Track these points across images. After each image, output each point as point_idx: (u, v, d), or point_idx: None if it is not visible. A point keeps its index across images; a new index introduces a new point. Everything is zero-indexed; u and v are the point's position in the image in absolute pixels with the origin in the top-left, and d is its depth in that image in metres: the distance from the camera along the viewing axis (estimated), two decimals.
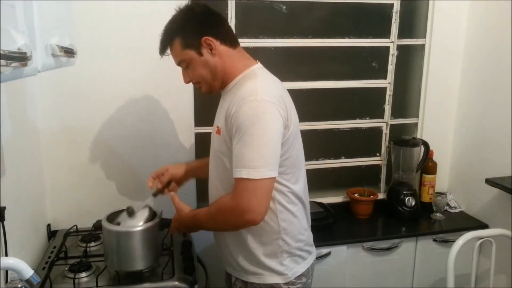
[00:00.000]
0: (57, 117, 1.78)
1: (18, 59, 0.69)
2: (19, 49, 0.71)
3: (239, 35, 1.57)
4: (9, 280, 1.09)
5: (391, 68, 2.22)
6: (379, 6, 2.13)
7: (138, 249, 1.36)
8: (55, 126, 1.79)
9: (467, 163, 2.23)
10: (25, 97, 1.61)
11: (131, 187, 1.92)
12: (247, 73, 1.28)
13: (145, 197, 1.88)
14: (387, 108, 2.27)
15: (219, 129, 1.27)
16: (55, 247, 1.64)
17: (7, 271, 1.23)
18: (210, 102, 1.57)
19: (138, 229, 1.36)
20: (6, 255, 1.25)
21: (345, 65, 2.19)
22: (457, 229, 2.05)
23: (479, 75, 2.13)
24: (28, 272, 0.99)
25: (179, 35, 1.26)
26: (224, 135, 1.24)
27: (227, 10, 1.94)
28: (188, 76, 1.33)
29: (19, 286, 1.02)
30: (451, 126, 2.30)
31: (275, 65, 1.50)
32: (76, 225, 1.77)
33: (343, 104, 2.23)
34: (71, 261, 1.51)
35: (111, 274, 1.43)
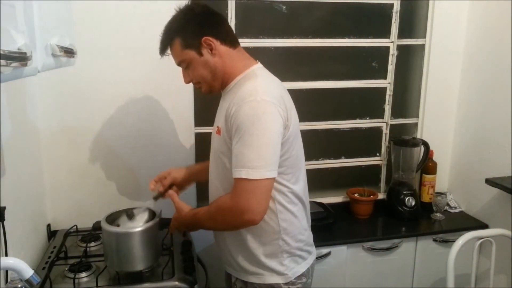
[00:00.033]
0: (57, 117, 1.78)
1: (18, 59, 0.69)
2: (19, 49, 0.71)
3: (239, 35, 1.57)
4: (9, 280, 1.09)
5: (391, 68, 2.22)
6: (379, 6, 2.13)
7: (138, 250, 1.36)
8: (55, 126, 1.79)
9: (467, 163, 2.23)
10: (25, 97, 1.61)
11: (131, 187, 1.92)
12: (247, 73, 1.28)
13: (144, 197, 1.89)
14: (387, 108, 2.27)
15: (219, 129, 1.27)
16: (55, 247, 1.64)
17: (7, 271, 1.23)
18: (210, 102, 1.57)
19: (138, 229, 1.36)
20: (6, 255, 1.25)
21: (345, 65, 2.19)
22: (457, 229, 2.05)
23: (479, 75, 2.13)
24: (28, 272, 0.99)
25: (179, 35, 1.26)
26: (224, 135, 1.24)
27: (227, 10, 1.94)
28: (188, 76, 1.33)
29: (19, 286, 1.02)
30: (451, 126, 2.30)
31: (275, 65, 1.50)
32: (76, 225, 1.77)
33: (343, 104, 2.23)
34: (71, 261, 1.51)
35: (111, 274, 1.43)
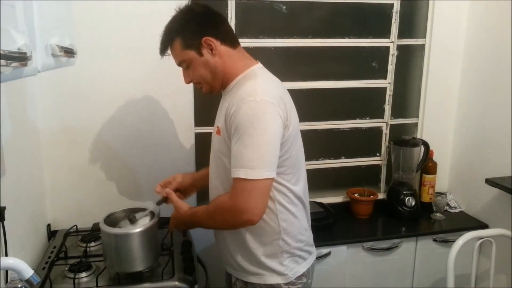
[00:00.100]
0: (57, 117, 1.78)
1: (18, 59, 0.69)
2: (19, 49, 0.71)
3: (239, 35, 1.56)
4: (9, 280, 1.09)
5: (391, 68, 2.22)
6: (379, 6, 2.13)
7: (138, 251, 1.36)
8: (55, 126, 1.79)
9: (467, 163, 2.23)
10: (25, 97, 1.61)
11: (131, 187, 1.92)
12: (247, 73, 1.27)
13: (145, 197, 1.89)
14: (387, 108, 2.27)
15: (219, 130, 1.27)
16: (55, 247, 1.64)
17: (7, 271, 1.23)
18: (210, 102, 1.57)
19: (137, 230, 1.36)
20: (6, 255, 1.25)
21: (345, 65, 2.19)
22: (457, 229, 2.05)
23: (479, 75, 2.13)
24: (28, 272, 0.99)
25: (179, 35, 1.26)
26: (224, 135, 1.24)
27: (227, 10, 1.94)
28: (188, 76, 1.33)
29: (19, 286, 1.01)
30: (451, 126, 2.30)
31: (275, 65, 1.50)
32: (76, 225, 1.77)
33: (343, 104, 2.23)
34: (71, 261, 1.51)
35: (111, 274, 1.43)
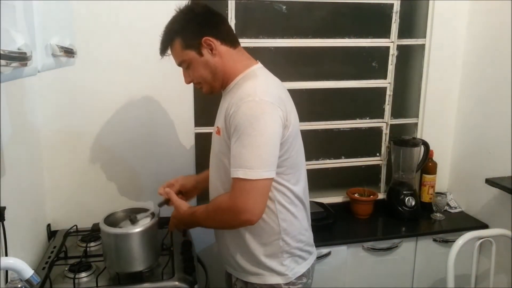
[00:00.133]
0: (57, 117, 1.78)
1: (18, 59, 0.69)
2: (19, 49, 0.71)
3: (239, 35, 1.56)
4: (9, 280, 1.09)
5: (391, 68, 2.22)
6: (379, 6, 2.13)
7: (137, 251, 1.36)
8: (55, 126, 1.78)
9: (467, 163, 2.23)
10: (25, 97, 1.61)
11: (131, 187, 1.92)
12: (247, 73, 1.27)
13: (144, 197, 1.89)
14: (387, 108, 2.27)
15: (219, 130, 1.27)
16: (55, 247, 1.64)
17: (7, 271, 1.23)
18: (210, 102, 1.57)
19: (137, 230, 1.36)
20: (6, 255, 1.25)
21: (345, 65, 2.19)
22: (457, 229, 2.04)
23: (479, 75, 2.13)
24: (28, 272, 0.99)
25: (179, 35, 1.26)
26: (224, 136, 1.24)
27: (227, 10, 1.94)
28: (189, 76, 1.33)
29: (19, 286, 1.01)
30: (451, 126, 2.30)
31: (275, 65, 1.50)
32: (76, 225, 1.77)
33: (343, 104, 2.23)
34: (71, 261, 1.51)
35: (111, 274, 1.43)
